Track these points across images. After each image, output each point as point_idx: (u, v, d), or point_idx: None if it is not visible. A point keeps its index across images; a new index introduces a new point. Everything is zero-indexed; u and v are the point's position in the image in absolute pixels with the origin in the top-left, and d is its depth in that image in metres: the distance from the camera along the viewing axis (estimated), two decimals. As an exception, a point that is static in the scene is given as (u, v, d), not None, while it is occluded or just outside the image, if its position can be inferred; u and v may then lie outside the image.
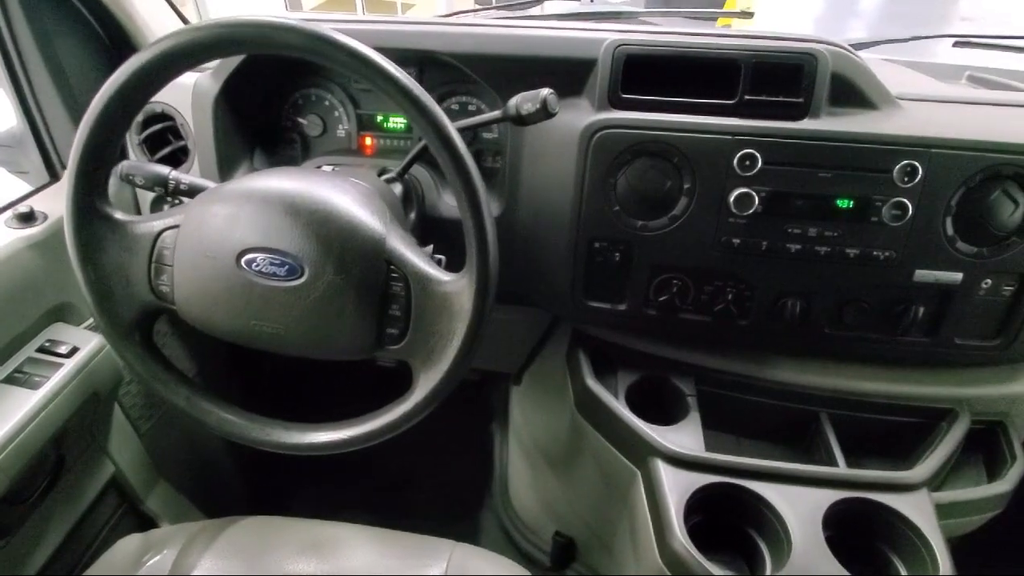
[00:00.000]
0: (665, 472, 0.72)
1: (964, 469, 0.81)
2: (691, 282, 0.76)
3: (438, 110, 0.54)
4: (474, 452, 1.49)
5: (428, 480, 1.47)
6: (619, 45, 0.70)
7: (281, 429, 0.66)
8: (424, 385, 0.62)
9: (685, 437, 0.76)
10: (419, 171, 0.85)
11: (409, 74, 0.87)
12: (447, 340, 0.60)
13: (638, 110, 0.71)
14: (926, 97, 0.73)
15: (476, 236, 0.57)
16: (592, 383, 0.82)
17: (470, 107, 0.86)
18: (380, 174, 0.78)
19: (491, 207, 0.81)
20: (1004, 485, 0.75)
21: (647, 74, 0.72)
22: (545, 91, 0.64)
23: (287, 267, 0.59)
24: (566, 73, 0.73)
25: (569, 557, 1.21)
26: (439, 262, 0.67)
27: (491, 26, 0.78)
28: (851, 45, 1.13)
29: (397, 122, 0.90)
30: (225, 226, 0.60)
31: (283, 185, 0.61)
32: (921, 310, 0.73)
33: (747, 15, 1.08)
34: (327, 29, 0.53)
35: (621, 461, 0.80)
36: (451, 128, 0.54)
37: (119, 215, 0.64)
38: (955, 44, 1.09)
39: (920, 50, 1.16)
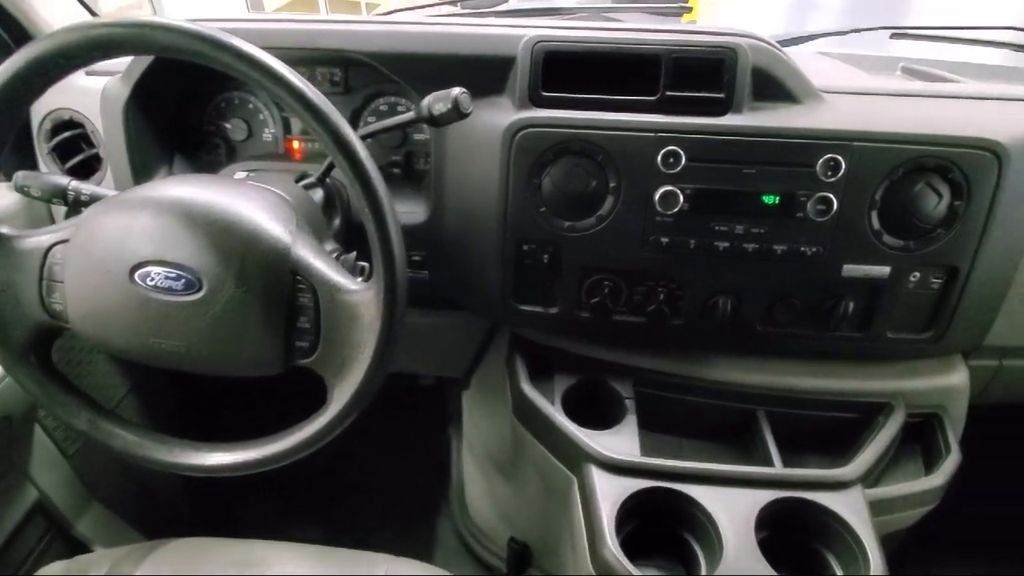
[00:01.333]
0: (599, 478, 0.71)
1: (903, 463, 0.81)
2: (622, 283, 0.75)
3: (332, 111, 0.52)
4: (430, 458, 1.46)
5: (383, 488, 1.44)
6: (538, 42, 0.68)
7: (191, 450, 0.63)
8: (339, 399, 0.59)
9: (621, 441, 0.75)
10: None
11: (332, 76, 0.85)
12: (359, 351, 0.58)
13: (560, 108, 0.69)
14: (852, 90, 0.73)
15: (380, 243, 0.54)
16: (527, 389, 0.80)
17: (399, 108, 0.84)
18: (299, 179, 0.75)
19: (418, 211, 0.81)
20: (938, 479, 0.75)
21: (569, 71, 0.70)
22: (456, 90, 0.62)
23: (184, 281, 0.56)
24: (485, 71, 0.71)
25: (525, 563, 1.19)
26: (362, 269, 0.64)
27: (409, 23, 0.75)
28: (791, 39, 1.15)
29: (325, 124, 0.87)
30: (117, 238, 0.57)
31: (180, 193, 0.58)
32: (851, 305, 0.72)
33: (686, 10, 1.06)
34: (212, 29, 0.50)
35: (558, 468, 0.78)
36: (346, 130, 0.52)
37: (4, 229, 0.60)
38: (892, 36, 1.10)
39: (876, 43, 1.16)
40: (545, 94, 0.69)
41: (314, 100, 0.51)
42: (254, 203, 0.59)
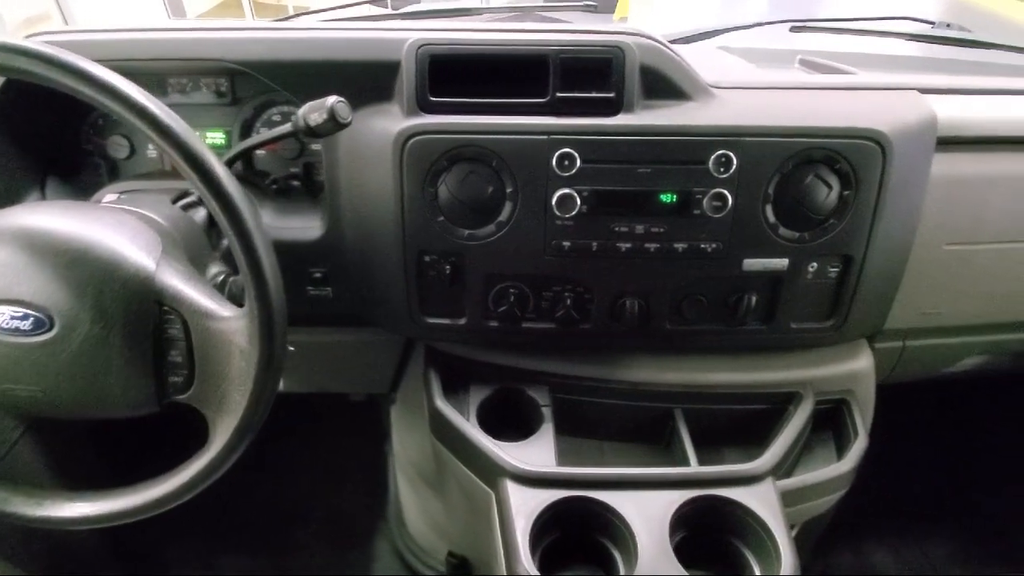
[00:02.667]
0: (513, 493, 0.69)
1: (817, 450, 0.83)
2: (529, 289, 0.73)
3: (175, 122, 0.48)
4: (366, 476, 1.42)
5: (319, 511, 1.39)
6: (421, 45, 0.66)
7: (62, 501, 0.58)
8: (222, 435, 0.55)
9: (537, 452, 0.73)
10: None
11: (218, 86, 0.80)
12: (238, 383, 0.54)
13: (450, 113, 0.67)
14: (743, 85, 0.73)
15: (248, 264, 0.51)
16: (441, 404, 0.78)
17: (293, 118, 0.80)
18: (178, 199, 0.70)
19: (316, 225, 0.77)
20: (847, 464, 0.76)
21: (460, 75, 0.67)
22: (332, 99, 0.59)
23: (32, 320, 0.51)
24: (370, 77, 0.68)
25: (465, 576, 1.17)
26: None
27: (290, 29, 0.71)
28: (697, 34, 1.16)
29: (215, 138, 0.82)
30: None
31: (23, 222, 0.53)
32: (754, 298, 0.72)
33: (590, 7, 1.06)
34: (34, 42, 0.45)
35: (477, 483, 0.76)
36: (194, 142, 0.48)
37: None
38: (791, 29, 1.12)
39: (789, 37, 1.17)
40: (434, 99, 0.67)
41: (157, 114, 0.47)
42: (111, 229, 0.54)
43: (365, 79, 0.68)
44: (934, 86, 0.75)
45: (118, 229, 0.55)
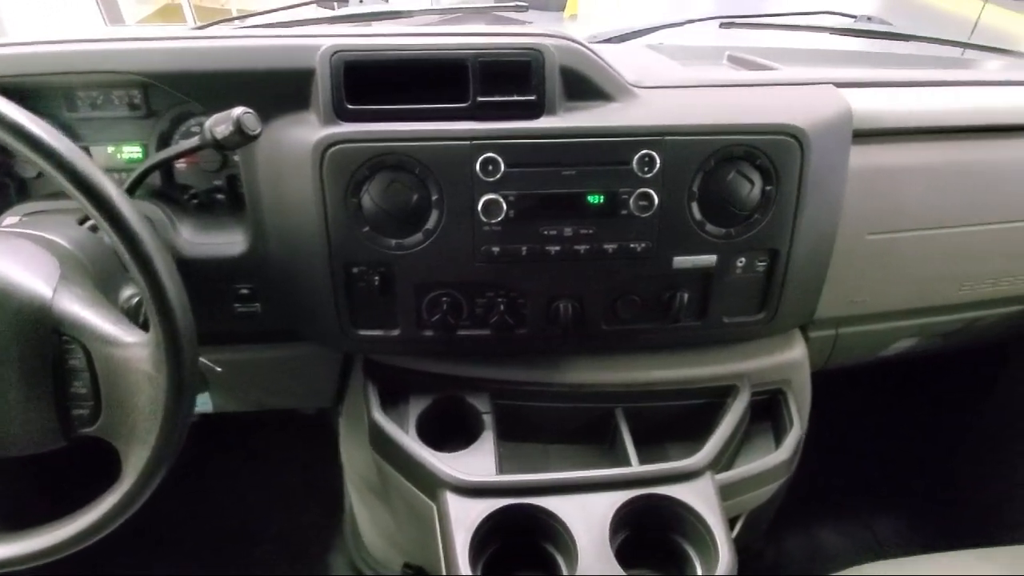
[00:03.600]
0: (453, 504, 0.68)
1: (757, 441, 0.84)
2: (462, 297, 0.72)
3: (54, 140, 0.45)
4: (321, 490, 1.39)
5: (274, 527, 1.35)
6: (335, 52, 0.64)
7: None
8: (134, 467, 0.53)
9: (478, 461, 0.72)
10: (148, 208, 0.74)
11: (131, 98, 0.76)
12: (148, 413, 0.51)
13: (369, 121, 0.65)
14: (666, 84, 0.73)
15: (149, 288, 0.48)
16: (379, 417, 0.76)
17: (199, 130, 0.77)
18: (85, 219, 0.66)
19: (239, 240, 0.74)
20: (783, 454, 0.78)
21: (378, 81, 0.66)
22: (238, 110, 0.57)
23: None
24: (285, 86, 0.66)
25: (422, 586, 1.15)
26: None
27: (201, 39, 0.69)
28: (630, 32, 1.16)
29: (131, 152, 0.79)
30: None
31: None
32: (686, 295, 0.73)
33: (521, 8, 1.05)
34: None
35: (418, 496, 0.74)
36: (80, 164, 0.45)
37: None
38: (721, 26, 1.13)
39: (719, 34, 1.19)
40: (351, 107, 0.65)
41: (35, 132, 0.44)
42: (1, 257, 0.51)
43: (279, 88, 0.66)
44: (850, 79, 0.77)
45: (10, 256, 0.51)
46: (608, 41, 1.14)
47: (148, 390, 0.51)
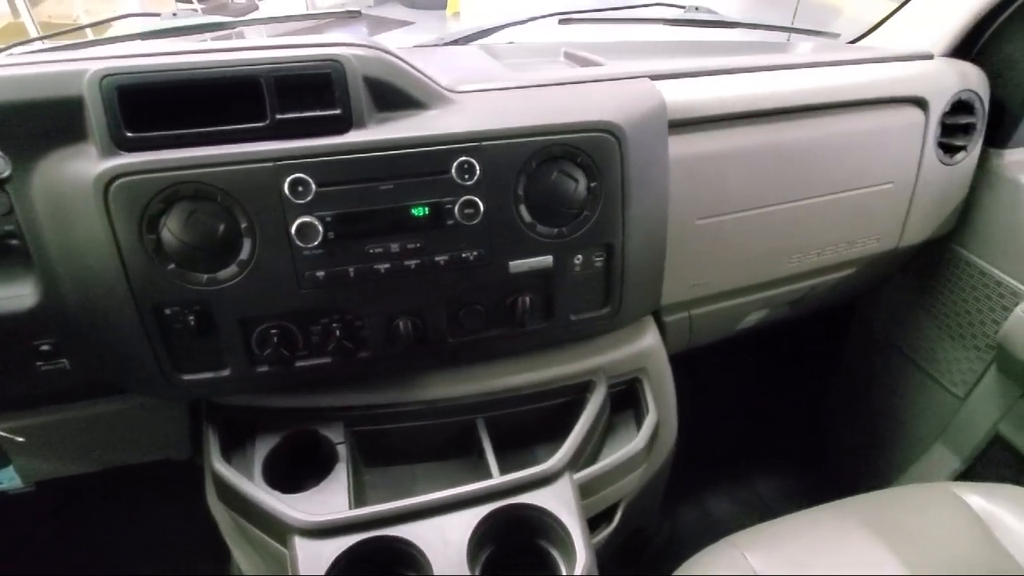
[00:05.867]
0: (303, 548, 0.64)
1: (621, 432, 0.85)
2: (293, 327, 0.68)
3: None
4: (203, 536, 1.29)
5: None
6: (105, 76, 0.58)
7: None
8: None
9: (330, 497, 0.68)
10: None
11: None
12: None
13: (155, 149, 0.59)
14: (485, 87, 0.72)
15: None
16: (218, 466, 0.70)
17: None
18: None
19: (29, 292, 0.66)
20: (641, 441, 0.79)
21: (167, 104, 0.60)
22: None
23: None
24: (51, 118, 0.59)
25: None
26: None
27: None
28: (476, 31, 1.15)
29: None
30: None
31: None
32: (528, 299, 0.72)
33: (354, 14, 1.01)
34: None
35: (272, 544, 0.70)
36: None
37: None
38: (560, 22, 1.14)
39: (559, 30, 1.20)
40: (132, 135, 0.59)
41: None
42: None
43: (45, 121, 0.59)
44: (665, 71, 0.79)
45: None
46: (455, 43, 1.13)
47: None
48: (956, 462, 1.12)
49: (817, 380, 1.43)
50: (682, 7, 1.18)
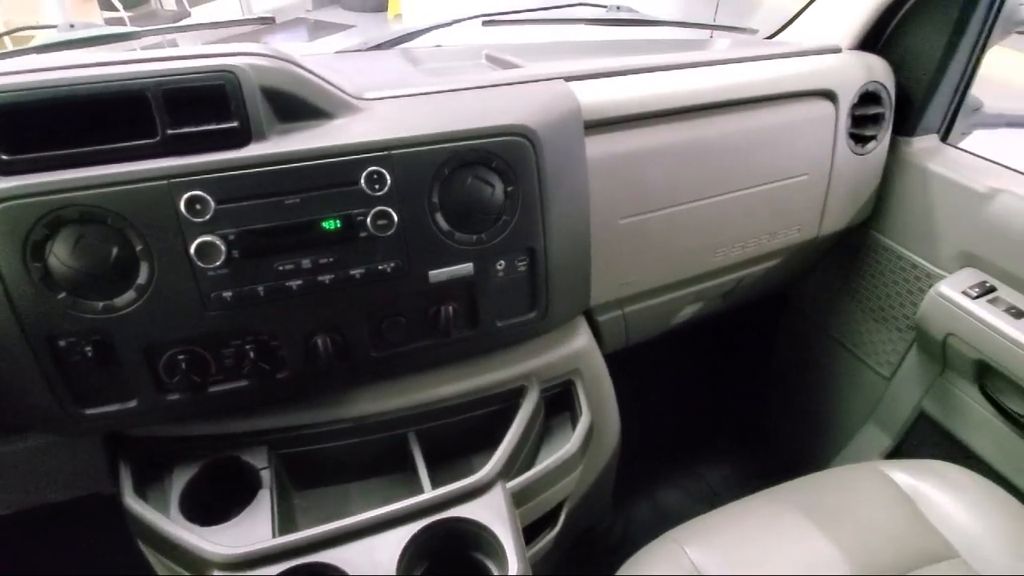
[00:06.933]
0: (222, 583, 0.61)
1: (557, 435, 0.85)
2: (203, 351, 0.65)
3: None
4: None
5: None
6: None
7: None
8: None
9: (251, 527, 0.66)
10: None
11: None
12: None
13: (36, 172, 0.56)
14: (394, 94, 0.70)
15: None
16: (130, 501, 0.67)
17: None
18: None
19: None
20: (574, 444, 0.79)
21: (48, 124, 0.56)
22: None
23: None
24: None
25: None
26: None
27: None
28: (404, 34, 1.13)
29: None
30: None
31: None
32: (452, 308, 0.71)
33: (267, 20, 0.97)
34: None
35: (193, 583, 0.66)
36: None
37: None
38: (483, 24, 1.13)
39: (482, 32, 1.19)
40: (8, 158, 0.55)
41: None
42: None
43: None
44: (580, 72, 0.79)
45: None
46: (378, 48, 1.10)
47: None
48: (886, 440, 1.17)
49: (756, 368, 1.46)
50: (604, 7, 1.19)
